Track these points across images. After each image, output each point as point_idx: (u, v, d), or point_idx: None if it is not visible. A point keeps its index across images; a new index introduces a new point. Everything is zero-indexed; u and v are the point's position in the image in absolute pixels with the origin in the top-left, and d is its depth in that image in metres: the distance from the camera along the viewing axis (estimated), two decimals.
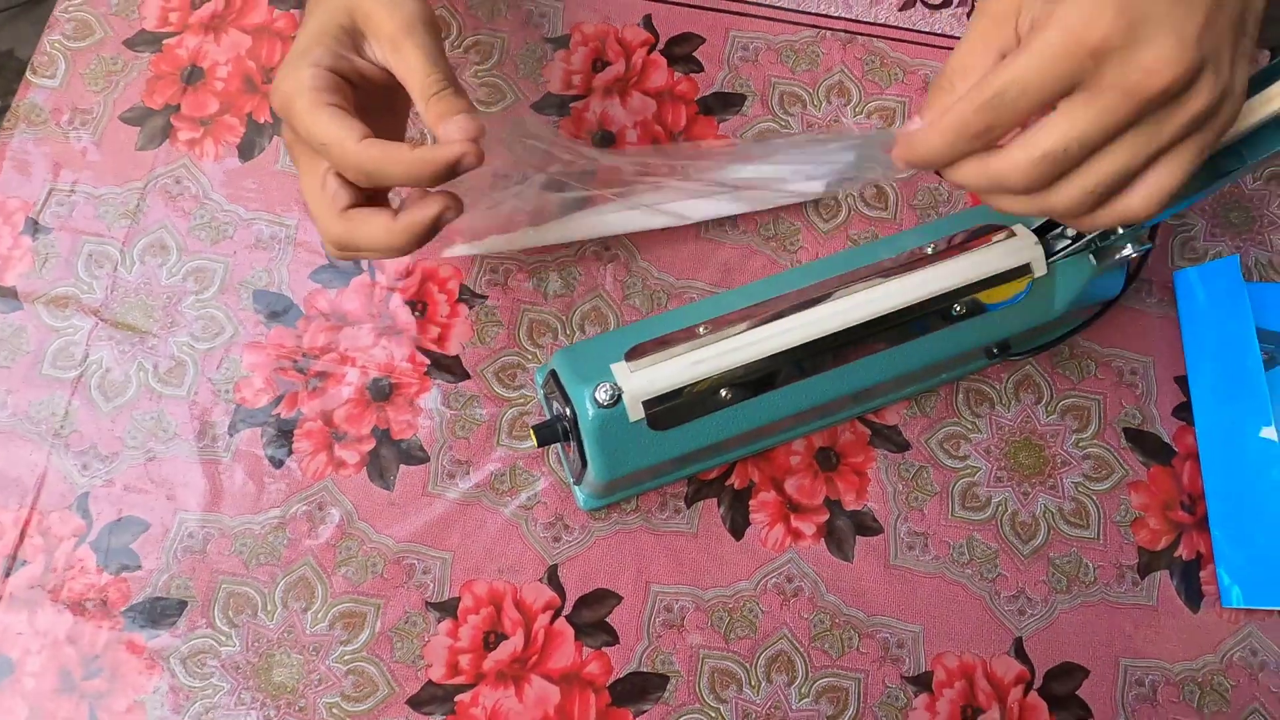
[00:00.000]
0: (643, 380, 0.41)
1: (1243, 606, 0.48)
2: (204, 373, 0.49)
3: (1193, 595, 0.48)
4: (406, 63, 0.36)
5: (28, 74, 0.54)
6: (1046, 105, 0.29)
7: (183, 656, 0.45)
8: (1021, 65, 0.28)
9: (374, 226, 0.37)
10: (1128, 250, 0.43)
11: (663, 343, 0.43)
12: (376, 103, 0.38)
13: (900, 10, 0.58)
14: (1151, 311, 0.53)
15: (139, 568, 0.46)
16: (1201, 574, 0.49)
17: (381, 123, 0.37)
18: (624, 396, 0.41)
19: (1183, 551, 0.49)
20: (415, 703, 0.45)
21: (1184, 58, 0.26)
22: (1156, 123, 0.28)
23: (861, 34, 0.57)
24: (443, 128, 0.35)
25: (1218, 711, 0.47)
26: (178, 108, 0.54)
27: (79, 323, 0.50)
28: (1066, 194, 0.30)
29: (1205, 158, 0.29)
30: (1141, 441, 0.51)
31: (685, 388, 0.42)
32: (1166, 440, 0.51)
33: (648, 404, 0.41)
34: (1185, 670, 0.47)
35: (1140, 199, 0.30)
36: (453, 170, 0.35)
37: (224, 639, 0.46)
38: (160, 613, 0.46)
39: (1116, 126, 0.28)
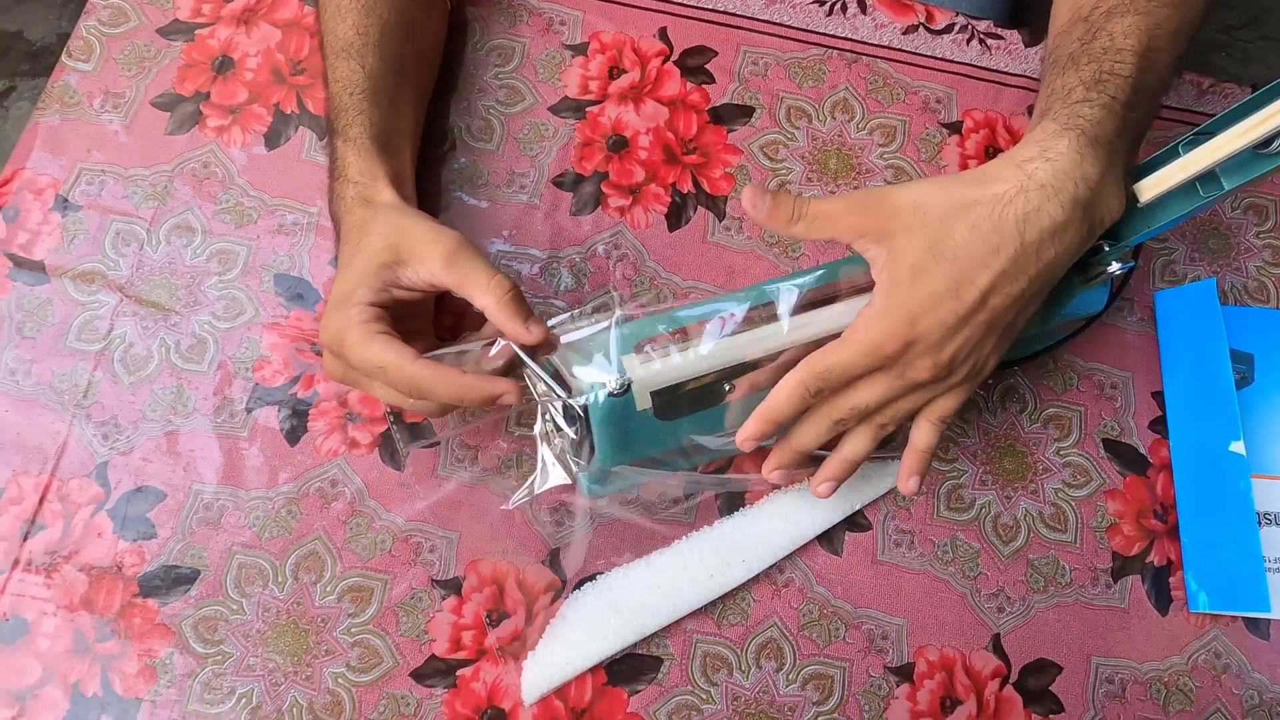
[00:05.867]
0: (651, 371, 0.43)
1: (1209, 611, 0.50)
2: (224, 351, 0.51)
3: (1162, 599, 0.51)
4: (464, 273, 0.42)
5: (63, 57, 0.55)
6: (850, 380, 0.42)
7: (194, 623, 0.47)
8: (844, 354, 0.41)
9: (444, 377, 0.41)
10: (1113, 267, 0.45)
11: (671, 336, 0.45)
12: (408, 316, 0.45)
13: (904, 34, 0.61)
14: (1132, 329, 0.56)
15: (154, 536, 0.48)
16: (1171, 579, 0.51)
17: (414, 328, 0.45)
18: (633, 386, 0.43)
19: (1154, 557, 0.52)
20: (418, 675, 0.47)
21: (938, 363, 0.41)
22: (930, 387, 0.43)
23: (866, 54, 0.60)
24: (528, 327, 0.42)
25: (1182, 710, 0.49)
26: (208, 95, 0.55)
27: (104, 298, 0.51)
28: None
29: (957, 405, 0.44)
30: (1119, 452, 0.53)
31: (690, 380, 0.44)
32: (1142, 451, 0.53)
33: (655, 394, 0.43)
34: (1153, 670, 0.50)
35: (923, 431, 0.44)
36: (492, 401, 0.42)
37: (235, 608, 0.47)
38: (174, 580, 0.47)
39: (903, 389, 0.42)
